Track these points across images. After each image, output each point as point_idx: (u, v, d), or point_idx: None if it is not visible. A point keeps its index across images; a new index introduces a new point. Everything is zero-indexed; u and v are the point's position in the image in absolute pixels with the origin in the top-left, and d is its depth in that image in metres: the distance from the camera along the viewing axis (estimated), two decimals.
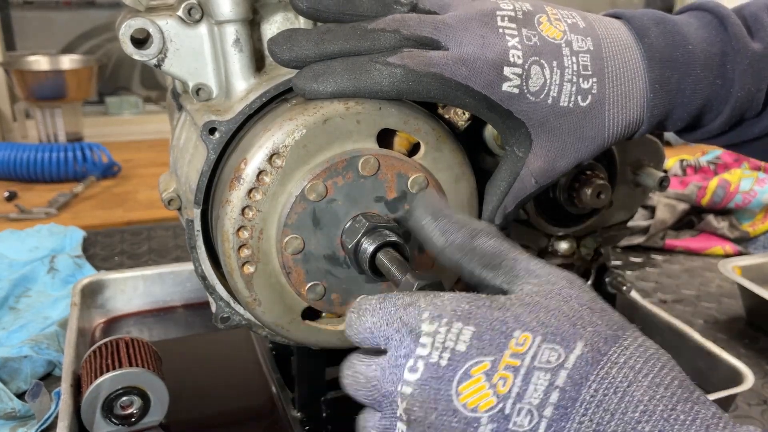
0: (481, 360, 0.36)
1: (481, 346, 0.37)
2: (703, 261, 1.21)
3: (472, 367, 0.36)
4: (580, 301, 0.39)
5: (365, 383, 0.40)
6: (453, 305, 0.38)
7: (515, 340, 0.37)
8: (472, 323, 0.37)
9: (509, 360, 0.36)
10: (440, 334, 0.37)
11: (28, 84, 1.65)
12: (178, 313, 0.96)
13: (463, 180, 0.54)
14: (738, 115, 0.56)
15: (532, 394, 0.36)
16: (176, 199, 0.58)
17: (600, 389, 0.36)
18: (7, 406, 0.73)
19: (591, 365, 0.36)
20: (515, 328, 0.37)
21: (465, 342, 0.37)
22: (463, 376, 0.36)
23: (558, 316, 0.38)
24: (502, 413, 0.36)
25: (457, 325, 0.37)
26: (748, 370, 0.74)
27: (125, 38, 0.51)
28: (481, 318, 0.37)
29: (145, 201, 1.44)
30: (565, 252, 0.73)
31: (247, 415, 0.77)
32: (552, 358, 0.36)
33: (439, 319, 0.38)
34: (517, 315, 0.38)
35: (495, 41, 0.49)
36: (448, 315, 0.38)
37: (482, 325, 0.37)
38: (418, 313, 0.38)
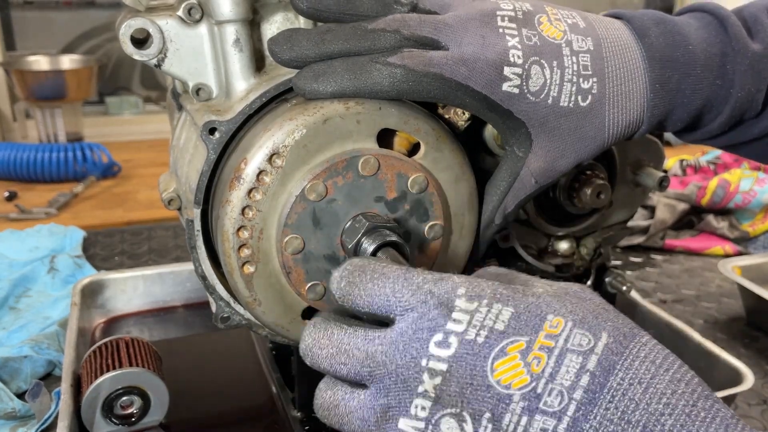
0: (517, 339, 0.37)
1: (518, 326, 0.37)
2: (703, 261, 1.21)
3: (509, 345, 0.37)
4: (594, 302, 0.40)
5: (358, 357, 0.38)
6: (492, 287, 0.39)
7: (549, 322, 0.38)
8: (511, 304, 0.38)
9: (544, 341, 0.37)
10: (480, 313, 0.38)
11: (28, 84, 1.65)
12: (178, 313, 0.96)
13: (463, 180, 0.54)
14: (738, 116, 0.56)
15: (564, 376, 0.36)
16: (176, 199, 0.58)
17: (626, 378, 0.36)
18: (7, 406, 0.73)
19: (616, 355, 0.37)
20: (548, 312, 0.38)
21: (504, 322, 0.38)
22: (499, 353, 0.37)
23: (582, 309, 0.39)
24: (534, 392, 0.36)
25: (497, 306, 0.38)
26: (747, 370, 0.74)
27: (125, 38, 0.51)
28: (519, 301, 0.38)
29: (145, 201, 1.44)
30: (565, 252, 0.73)
31: (247, 415, 0.77)
32: (584, 341, 0.37)
33: (479, 298, 0.38)
34: (549, 302, 0.39)
35: (495, 41, 0.49)
36: (488, 296, 0.38)
37: (520, 307, 0.38)
38: (452, 287, 0.38)
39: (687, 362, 0.86)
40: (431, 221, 0.53)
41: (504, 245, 0.69)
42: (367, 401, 0.39)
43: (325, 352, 0.39)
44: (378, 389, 0.38)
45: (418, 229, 0.53)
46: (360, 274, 0.40)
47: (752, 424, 0.77)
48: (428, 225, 0.53)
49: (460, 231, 0.55)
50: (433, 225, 0.53)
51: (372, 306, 0.39)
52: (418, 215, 0.53)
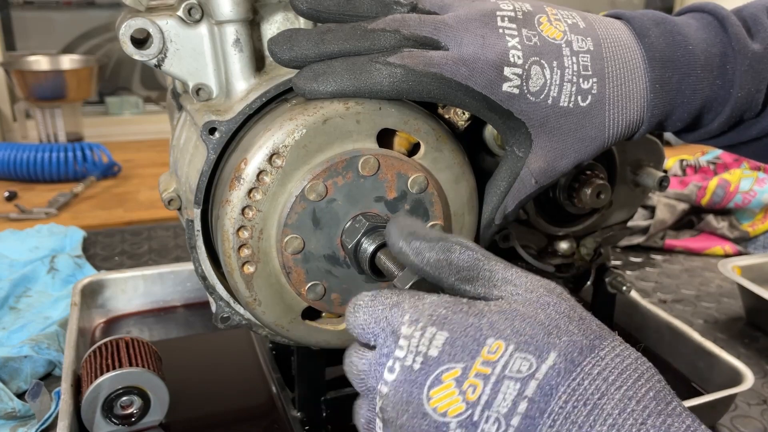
0: (452, 366, 0.37)
1: (453, 352, 0.37)
2: (703, 261, 1.21)
3: (444, 372, 0.37)
4: (558, 309, 0.39)
5: (357, 374, 0.41)
6: (431, 309, 0.38)
7: (488, 347, 0.37)
8: (446, 328, 0.37)
9: (480, 368, 0.36)
10: (415, 338, 0.38)
11: (28, 84, 1.65)
12: (178, 313, 0.96)
13: (463, 180, 0.54)
14: (737, 116, 0.56)
15: (500, 403, 0.36)
16: (176, 199, 0.58)
17: (570, 401, 0.35)
18: (7, 405, 0.73)
19: (563, 376, 0.36)
20: (489, 336, 0.37)
21: (437, 347, 0.37)
22: (434, 380, 0.37)
23: (533, 325, 0.37)
24: (470, 420, 0.36)
25: (431, 330, 0.38)
26: (747, 370, 0.74)
27: (125, 38, 0.51)
28: (456, 323, 0.38)
29: (146, 201, 1.44)
30: (565, 252, 0.73)
31: (247, 415, 0.77)
32: (523, 367, 0.36)
33: (416, 323, 0.38)
34: (492, 322, 0.37)
35: (495, 41, 0.49)
36: (424, 319, 0.38)
37: (456, 331, 0.37)
38: (400, 314, 0.39)
39: (687, 362, 0.86)
40: (431, 221, 0.53)
41: (504, 245, 0.69)
42: (362, 410, 0.42)
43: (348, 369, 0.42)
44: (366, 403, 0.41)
45: None
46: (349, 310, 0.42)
47: (752, 425, 0.77)
48: (428, 225, 0.53)
49: (460, 231, 0.55)
50: (433, 225, 0.53)
51: (359, 337, 0.41)
52: (418, 215, 0.53)
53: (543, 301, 0.39)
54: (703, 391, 0.79)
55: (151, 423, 0.69)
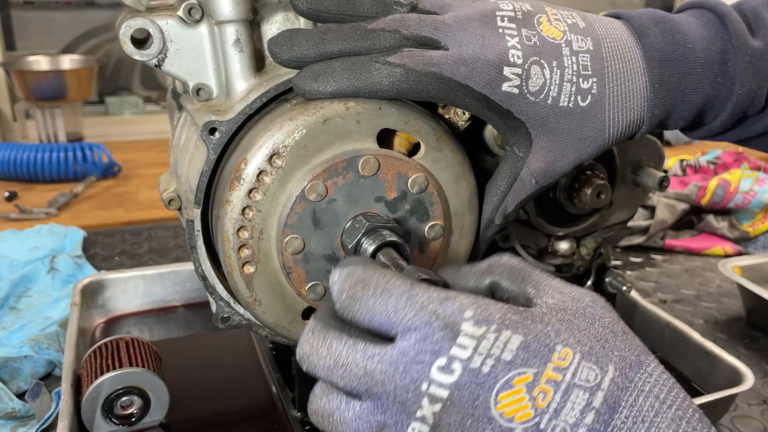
0: (524, 371, 0.36)
1: (526, 357, 0.36)
2: (703, 261, 1.21)
3: (516, 377, 0.35)
4: (604, 323, 0.38)
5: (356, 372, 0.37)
6: (501, 312, 0.37)
7: (558, 354, 0.36)
8: (520, 332, 0.36)
9: (551, 374, 0.36)
10: (487, 340, 0.36)
11: (28, 84, 1.65)
12: (179, 313, 0.96)
13: (463, 180, 0.54)
14: (740, 113, 0.56)
15: (569, 412, 0.35)
16: (176, 199, 0.58)
17: (630, 416, 0.35)
18: (7, 406, 0.73)
19: (622, 390, 0.36)
20: (557, 342, 0.36)
21: (512, 351, 0.36)
22: (504, 385, 0.35)
23: (589, 336, 0.37)
24: (537, 427, 0.35)
25: (506, 333, 0.36)
26: (747, 370, 0.74)
27: (125, 38, 0.51)
28: (529, 328, 0.37)
29: (146, 201, 1.44)
30: (565, 252, 0.73)
31: (247, 415, 0.77)
32: (590, 376, 0.36)
33: (486, 323, 0.36)
34: (558, 330, 0.37)
35: (495, 41, 0.49)
36: (497, 321, 0.36)
37: (530, 335, 0.36)
38: (459, 309, 0.36)
39: (687, 362, 0.86)
40: (431, 221, 0.53)
41: (504, 245, 0.69)
42: (363, 414, 0.37)
43: (323, 362, 0.38)
44: (375, 405, 0.37)
45: (418, 229, 0.53)
46: (362, 288, 0.38)
47: (752, 425, 0.77)
48: (428, 225, 0.53)
49: (461, 231, 0.55)
50: (433, 225, 0.53)
51: (372, 323, 0.38)
52: (418, 215, 0.53)
53: (590, 312, 0.39)
54: (703, 391, 0.79)
55: (151, 423, 0.69)
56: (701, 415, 0.36)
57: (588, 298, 0.40)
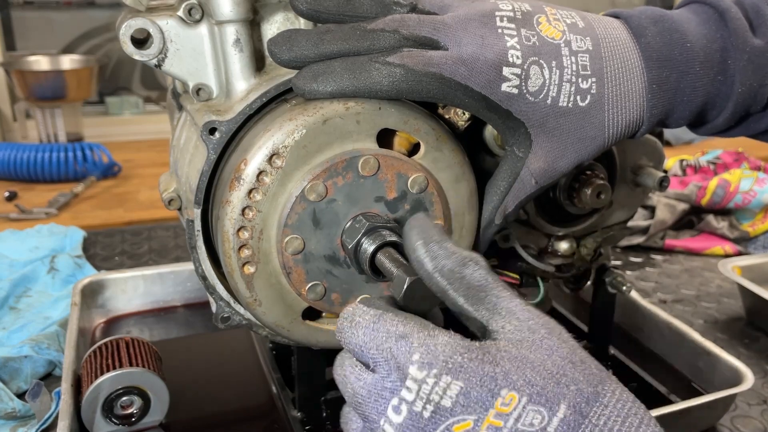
0: (464, 418, 0.36)
1: (466, 404, 0.36)
2: (703, 261, 1.21)
3: (455, 423, 0.36)
4: (561, 353, 0.38)
5: (352, 394, 0.39)
6: (445, 354, 0.36)
7: (501, 399, 0.36)
8: (461, 378, 0.36)
9: (492, 420, 0.35)
10: (427, 384, 0.36)
11: (29, 84, 1.65)
12: (179, 312, 0.96)
13: (463, 180, 0.54)
14: (742, 111, 0.56)
15: None
16: (176, 199, 0.58)
17: None
18: (7, 405, 0.73)
19: (573, 428, 0.35)
20: (503, 386, 0.36)
21: (451, 398, 0.36)
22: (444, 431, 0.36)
23: (543, 374, 0.37)
24: None
25: (445, 379, 0.36)
26: (747, 370, 0.74)
27: (125, 38, 0.51)
28: (472, 373, 0.36)
29: (146, 201, 1.44)
30: (565, 252, 0.73)
31: (247, 415, 0.77)
32: (536, 420, 0.35)
33: (429, 367, 0.36)
34: (506, 372, 0.36)
35: (494, 41, 0.49)
36: (438, 365, 0.36)
37: (471, 381, 0.36)
38: (408, 351, 0.37)
39: (687, 362, 0.86)
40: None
41: (504, 245, 0.69)
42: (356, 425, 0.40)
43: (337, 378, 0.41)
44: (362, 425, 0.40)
45: None
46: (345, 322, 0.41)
47: (752, 425, 0.77)
48: None
49: (461, 231, 0.55)
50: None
51: (352, 353, 0.40)
52: None
53: (546, 344, 0.38)
54: (703, 391, 0.79)
55: (151, 423, 0.69)
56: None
57: (544, 330, 0.39)
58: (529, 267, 0.71)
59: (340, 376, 0.41)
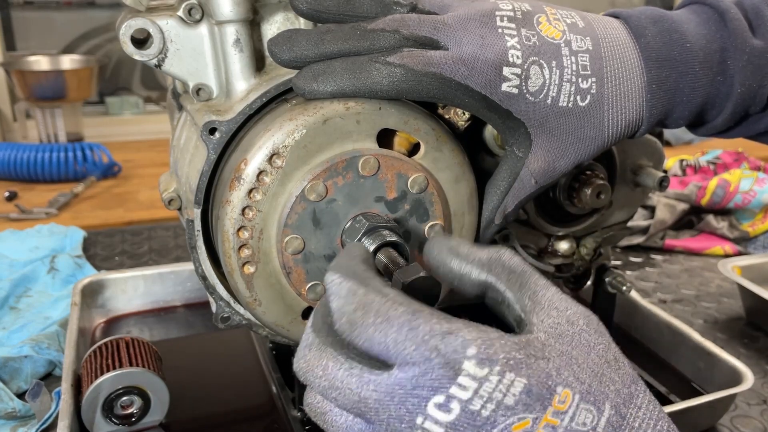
0: (524, 416, 0.34)
1: (528, 402, 0.35)
2: (703, 261, 1.21)
3: (515, 423, 0.34)
4: (599, 351, 0.38)
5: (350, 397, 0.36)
6: (505, 351, 0.35)
7: (558, 396, 0.35)
8: (524, 374, 0.35)
9: (550, 419, 0.35)
10: (490, 382, 0.34)
11: (29, 84, 1.65)
12: (179, 312, 0.96)
13: (463, 180, 0.54)
14: (741, 111, 0.56)
15: None
16: (176, 199, 0.58)
17: None
18: (7, 405, 0.73)
19: (615, 430, 0.35)
20: (558, 383, 0.35)
21: (514, 396, 0.34)
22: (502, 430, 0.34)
23: (587, 372, 0.36)
24: None
25: (509, 376, 0.34)
26: (747, 370, 0.74)
27: (125, 38, 0.51)
28: (533, 369, 0.35)
29: (146, 201, 1.44)
30: (565, 252, 0.73)
31: (247, 415, 0.77)
32: (587, 420, 0.35)
33: (490, 364, 0.34)
34: (559, 368, 0.36)
35: (494, 41, 0.49)
36: (500, 362, 0.35)
37: (533, 378, 0.35)
38: (461, 346, 0.35)
39: (687, 362, 0.86)
40: (431, 221, 0.53)
41: (504, 245, 0.69)
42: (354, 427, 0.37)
43: (318, 382, 0.37)
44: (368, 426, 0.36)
45: (418, 229, 0.53)
46: (362, 315, 0.36)
47: (752, 425, 0.77)
48: (428, 225, 0.53)
49: (460, 231, 0.55)
50: (433, 225, 0.53)
51: (371, 351, 0.36)
52: (418, 215, 0.53)
53: (585, 340, 0.38)
54: (703, 391, 0.79)
55: (151, 423, 0.69)
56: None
57: (582, 321, 0.38)
58: None
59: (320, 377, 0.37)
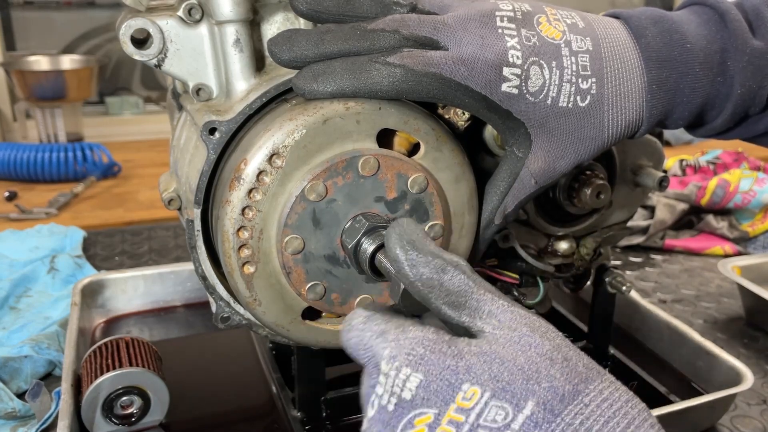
0: (425, 411, 0.35)
1: (426, 397, 0.36)
2: (703, 261, 1.21)
3: (416, 417, 0.35)
4: (540, 350, 0.36)
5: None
6: (409, 347, 0.37)
7: (463, 393, 0.35)
8: (421, 370, 0.36)
9: (453, 415, 0.35)
10: (390, 377, 0.37)
11: (29, 84, 1.65)
12: (179, 312, 0.96)
13: (463, 180, 0.54)
14: (741, 113, 0.56)
15: None
16: (176, 199, 0.58)
17: None
18: (7, 405, 0.73)
19: (541, 427, 0.34)
20: (464, 381, 0.35)
21: (411, 390, 0.36)
22: (406, 424, 0.36)
23: (511, 369, 0.36)
24: None
25: (405, 371, 0.36)
26: (747, 370, 0.74)
27: (125, 38, 0.51)
28: (432, 365, 0.36)
29: (146, 201, 1.44)
30: (565, 252, 0.73)
31: (247, 415, 0.77)
32: (499, 417, 0.34)
33: (392, 360, 0.37)
34: (470, 366, 0.36)
35: (494, 42, 0.49)
36: (401, 358, 0.37)
37: (431, 374, 0.36)
38: (383, 346, 0.38)
39: (686, 362, 0.86)
40: (431, 221, 0.53)
41: (504, 245, 0.69)
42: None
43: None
44: None
45: None
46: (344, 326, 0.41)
47: (752, 425, 0.77)
48: (428, 225, 0.53)
49: (460, 231, 0.55)
50: (433, 225, 0.53)
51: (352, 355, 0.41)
52: (418, 215, 0.53)
53: (525, 341, 0.37)
54: (703, 391, 0.79)
55: (151, 423, 0.70)
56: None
57: (525, 328, 0.38)
58: (529, 267, 0.71)
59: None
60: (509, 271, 0.69)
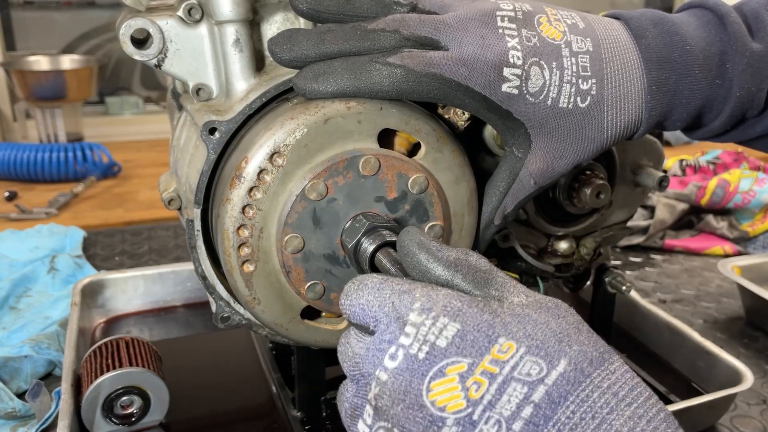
0: (458, 360, 0.36)
1: (462, 346, 0.36)
2: (703, 261, 1.21)
3: (449, 365, 0.36)
4: (568, 320, 0.38)
5: (351, 357, 0.40)
6: (445, 300, 0.38)
7: (498, 346, 0.36)
8: (458, 320, 0.37)
9: (488, 366, 0.35)
10: (425, 326, 0.37)
11: (29, 84, 1.65)
12: (179, 312, 0.96)
13: (463, 180, 0.54)
14: (739, 115, 0.56)
15: (504, 405, 0.35)
16: (176, 199, 0.58)
17: (577, 412, 0.34)
18: (7, 405, 0.73)
19: (572, 385, 0.35)
20: (501, 335, 0.36)
21: (447, 338, 0.36)
22: (437, 372, 0.36)
23: (545, 331, 0.37)
24: (469, 418, 0.35)
25: (442, 320, 0.37)
26: (747, 370, 0.74)
27: (125, 38, 0.51)
28: (470, 317, 0.37)
29: (146, 201, 1.44)
30: (565, 252, 0.73)
31: (247, 415, 0.77)
32: (533, 371, 0.35)
33: (428, 311, 0.37)
34: (506, 323, 0.37)
35: (495, 42, 0.49)
36: (437, 309, 0.37)
37: (468, 324, 0.37)
38: (410, 301, 0.38)
39: (686, 362, 0.86)
40: (431, 221, 0.53)
41: (504, 245, 0.69)
42: (348, 395, 0.40)
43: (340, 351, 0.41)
44: (355, 388, 0.40)
45: None
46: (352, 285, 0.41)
47: (752, 425, 0.77)
48: (428, 225, 0.53)
49: (460, 231, 0.55)
50: (432, 225, 0.53)
51: (353, 317, 0.40)
52: (418, 215, 0.53)
53: (553, 312, 0.38)
54: (703, 391, 0.79)
55: (151, 423, 0.70)
56: (667, 415, 0.35)
57: (551, 303, 0.39)
58: (529, 267, 0.71)
59: (342, 347, 0.41)
60: (509, 271, 0.69)
